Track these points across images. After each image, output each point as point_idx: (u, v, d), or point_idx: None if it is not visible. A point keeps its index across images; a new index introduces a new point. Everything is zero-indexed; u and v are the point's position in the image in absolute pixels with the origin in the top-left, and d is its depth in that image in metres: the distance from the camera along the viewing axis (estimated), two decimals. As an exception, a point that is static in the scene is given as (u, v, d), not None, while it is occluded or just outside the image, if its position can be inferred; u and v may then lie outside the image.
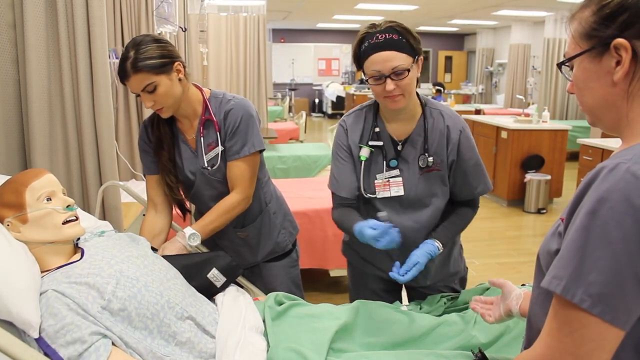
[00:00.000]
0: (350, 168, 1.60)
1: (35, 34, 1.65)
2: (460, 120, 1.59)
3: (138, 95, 1.55)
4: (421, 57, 1.48)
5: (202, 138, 1.66)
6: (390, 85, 1.42)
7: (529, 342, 0.91)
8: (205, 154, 1.66)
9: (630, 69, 0.74)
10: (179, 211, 1.80)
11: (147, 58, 1.48)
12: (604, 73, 0.77)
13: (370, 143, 1.58)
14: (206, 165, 1.67)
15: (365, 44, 1.44)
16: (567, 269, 0.71)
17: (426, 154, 1.55)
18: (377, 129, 1.58)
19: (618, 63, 0.75)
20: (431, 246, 1.52)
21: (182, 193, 1.76)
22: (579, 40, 0.80)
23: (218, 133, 1.65)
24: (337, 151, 1.63)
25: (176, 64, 1.54)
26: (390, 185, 1.58)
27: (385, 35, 1.40)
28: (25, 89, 1.67)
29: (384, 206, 1.60)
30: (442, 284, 1.73)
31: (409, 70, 1.42)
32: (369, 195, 1.59)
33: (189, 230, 1.60)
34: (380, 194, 1.58)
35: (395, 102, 1.47)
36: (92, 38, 1.72)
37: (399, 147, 1.57)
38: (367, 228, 1.37)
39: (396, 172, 1.58)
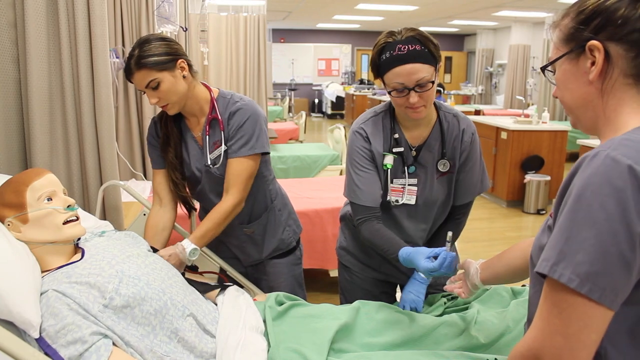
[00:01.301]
0: (376, 176, 1.56)
1: (36, 33, 1.65)
2: (472, 123, 1.61)
3: (143, 93, 1.56)
4: (440, 63, 1.45)
5: (207, 136, 1.67)
6: (414, 97, 1.40)
7: None
8: (210, 153, 1.68)
9: (604, 68, 0.81)
10: (184, 209, 1.80)
11: (150, 55, 1.50)
12: (581, 73, 0.84)
13: (394, 150, 1.55)
14: (209, 163, 1.67)
15: (387, 55, 1.39)
16: (554, 250, 0.74)
17: (445, 158, 1.56)
18: (396, 135, 1.56)
19: (593, 64, 0.81)
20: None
21: (187, 190, 1.77)
22: (559, 45, 0.87)
23: (222, 132, 1.66)
24: (357, 160, 1.56)
25: (180, 61, 1.56)
26: (404, 192, 1.57)
27: (408, 47, 1.36)
28: (25, 89, 1.67)
29: (399, 212, 1.59)
30: (441, 281, 1.74)
31: (433, 82, 1.40)
32: (394, 203, 1.57)
33: (189, 246, 1.59)
34: (392, 197, 1.57)
35: (418, 113, 1.45)
36: (93, 37, 1.72)
37: (414, 153, 1.56)
38: (423, 260, 1.32)
39: (414, 180, 1.57)
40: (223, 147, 1.66)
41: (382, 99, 9.70)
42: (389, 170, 1.55)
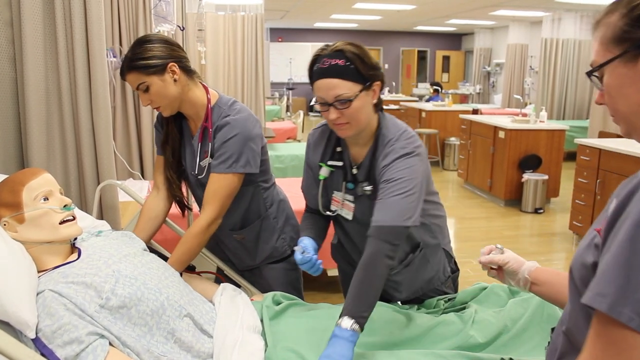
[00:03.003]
0: (313, 183, 1.60)
1: (33, 32, 1.64)
2: (406, 147, 1.39)
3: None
4: (377, 82, 1.38)
5: (199, 144, 1.65)
6: (333, 113, 1.35)
7: (561, 355, 0.87)
8: (200, 161, 1.65)
9: None
10: (178, 208, 1.79)
11: (140, 58, 1.49)
12: None
13: (330, 163, 1.53)
14: (196, 172, 1.66)
15: (315, 67, 1.37)
16: (612, 286, 0.65)
17: (368, 181, 1.46)
18: (339, 149, 1.53)
19: None
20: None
21: (181, 190, 1.76)
22: (609, 46, 0.76)
23: (210, 143, 1.62)
24: (305, 163, 1.65)
25: (169, 65, 1.52)
26: (343, 206, 1.55)
27: (331, 62, 1.32)
28: (22, 88, 1.67)
29: (344, 220, 1.57)
30: (425, 290, 1.65)
31: (351, 100, 1.33)
32: (327, 212, 1.58)
33: None
34: (333, 207, 1.57)
35: (342, 131, 1.40)
36: (89, 36, 1.72)
37: (354, 171, 1.52)
38: (299, 252, 1.43)
39: (351, 197, 1.52)
40: (208, 159, 1.63)
41: (380, 98, 9.64)
42: (322, 181, 1.55)
